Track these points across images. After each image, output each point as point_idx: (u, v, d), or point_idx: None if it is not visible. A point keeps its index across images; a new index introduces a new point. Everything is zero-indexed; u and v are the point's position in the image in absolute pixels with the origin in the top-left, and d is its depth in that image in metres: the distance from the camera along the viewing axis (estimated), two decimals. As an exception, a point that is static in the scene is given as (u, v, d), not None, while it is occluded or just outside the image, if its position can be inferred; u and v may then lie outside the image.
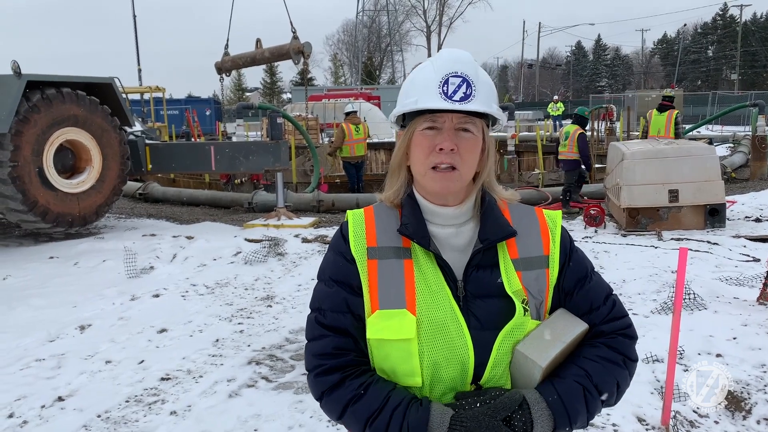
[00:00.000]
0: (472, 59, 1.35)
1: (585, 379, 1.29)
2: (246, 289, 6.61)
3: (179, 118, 28.10)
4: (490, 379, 1.28)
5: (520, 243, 1.36)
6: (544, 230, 1.40)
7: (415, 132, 1.34)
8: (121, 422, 3.74)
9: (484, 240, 1.33)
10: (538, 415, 1.22)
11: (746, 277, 6.06)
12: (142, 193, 13.62)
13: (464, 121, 1.31)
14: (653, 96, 29.89)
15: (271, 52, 12.79)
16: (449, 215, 1.38)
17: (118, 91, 9.94)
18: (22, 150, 8.22)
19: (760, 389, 3.85)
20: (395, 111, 1.41)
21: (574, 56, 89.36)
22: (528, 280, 1.33)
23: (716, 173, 8.83)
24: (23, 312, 5.83)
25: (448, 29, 72.26)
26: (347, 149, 12.92)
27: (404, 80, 1.46)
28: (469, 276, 1.32)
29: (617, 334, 1.37)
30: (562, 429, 1.26)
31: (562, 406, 1.24)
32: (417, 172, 1.37)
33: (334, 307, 1.35)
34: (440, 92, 1.29)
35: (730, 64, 68.59)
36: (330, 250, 1.44)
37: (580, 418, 1.27)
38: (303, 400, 3.97)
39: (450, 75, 1.30)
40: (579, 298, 1.38)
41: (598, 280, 1.42)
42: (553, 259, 1.37)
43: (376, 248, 1.36)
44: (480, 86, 1.31)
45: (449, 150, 1.29)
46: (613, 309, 1.39)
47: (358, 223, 1.41)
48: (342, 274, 1.37)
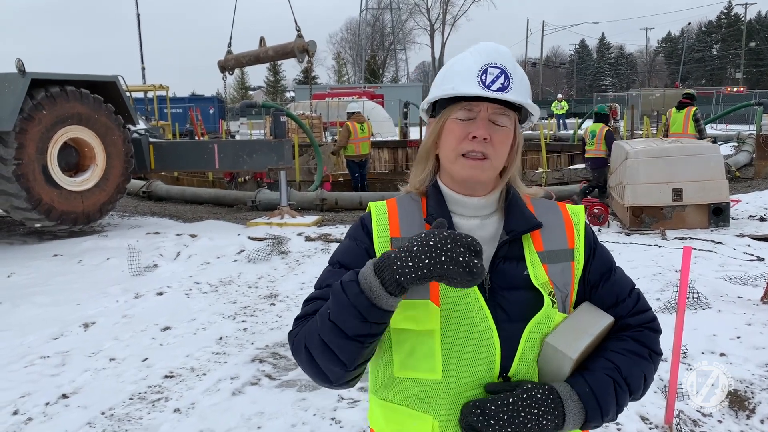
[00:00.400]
0: (510, 54, 1.36)
1: (615, 372, 1.28)
2: (249, 287, 6.62)
3: (183, 116, 28.14)
4: (517, 372, 1.27)
5: (545, 236, 1.36)
6: (569, 224, 1.40)
7: (449, 119, 1.34)
8: (124, 419, 3.75)
9: (510, 231, 1.33)
10: (571, 408, 1.22)
11: (750, 276, 6.05)
12: (145, 191, 13.64)
13: (499, 111, 1.31)
14: (657, 95, 29.86)
15: (275, 51, 12.78)
16: (475, 205, 1.37)
17: (122, 89, 9.95)
18: (27, 148, 8.24)
19: (764, 388, 3.85)
20: (429, 97, 1.41)
21: (578, 55, 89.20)
22: (554, 272, 1.33)
23: (720, 172, 8.81)
24: (27, 310, 5.85)
25: (452, 28, 72.18)
26: (352, 148, 12.93)
27: (439, 69, 1.45)
28: (495, 268, 1.31)
29: (643, 327, 1.37)
30: (594, 422, 1.25)
31: (594, 398, 1.24)
32: (446, 158, 1.36)
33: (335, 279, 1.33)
34: (479, 80, 1.29)
35: (735, 63, 68.34)
36: (347, 238, 1.43)
37: (611, 411, 1.26)
38: (306, 398, 3.97)
39: (489, 65, 1.30)
40: (604, 291, 1.38)
41: (621, 273, 1.43)
42: (578, 253, 1.37)
43: (399, 239, 1.35)
44: (517, 79, 1.31)
45: (482, 139, 1.29)
46: (638, 302, 1.40)
47: (381, 213, 1.41)
48: (355, 259, 1.35)
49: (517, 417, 1.18)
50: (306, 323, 1.28)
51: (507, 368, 1.27)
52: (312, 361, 1.24)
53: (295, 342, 1.30)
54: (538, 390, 1.21)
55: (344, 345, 1.17)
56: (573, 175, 14.34)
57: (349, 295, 1.15)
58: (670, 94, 36.54)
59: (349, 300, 1.14)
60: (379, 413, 1.39)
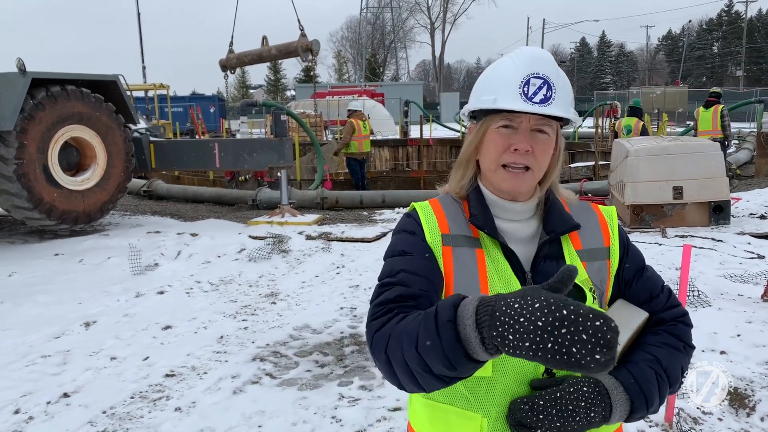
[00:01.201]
0: (553, 59, 1.34)
1: (656, 364, 1.29)
2: (250, 285, 6.63)
3: (184, 115, 28.17)
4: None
5: (582, 235, 1.40)
6: (603, 224, 1.43)
7: (490, 128, 1.33)
8: (126, 418, 3.76)
9: (551, 232, 1.36)
10: (617, 399, 1.22)
11: (751, 274, 6.06)
12: (146, 190, 13.65)
13: (542, 123, 1.30)
14: (657, 93, 29.84)
15: (279, 50, 12.75)
16: (516, 210, 1.39)
17: (123, 88, 9.95)
18: (27, 147, 8.25)
19: (764, 386, 3.85)
20: (470, 105, 1.40)
21: (579, 53, 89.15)
22: (591, 270, 1.36)
23: (720, 170, 8.81)
24: (29, 309, 5.86)
25: (452, 26, 72.21)
26: (355, 145, 12.94)
27: (480, 74, 1.44)
28: (537, 267, 1.34)
29: (677, 321, 1.40)
30: (639, 413, 1.26)
31: (639, 389, 1.25)
32: (487, 168, 1.37)
33: (406, 268, 1.29)
34: (521, 92, 1.27)
35: (735, 61, 68.26)
36: (399, 233, 1.40)
37: (655, 401, 1.27)
38: (307, 397, 3.98)
39: (531, 76, 1.28)
40: (638, 287, 1.41)
41: (652, 271, 1.46)
42: (613, 251, 1.41)
43: (449, 235, 1.35)
44: (560, 88, 1.30)
45: (524, 151, 1.29)
46: (670, 297, 1.42)
47: (428, 211, 1.41)
48: (416, 248, 1.33)
49: (565, 411, 1.18)
50: (387, 322, 1.21)
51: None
52: (392, 372, 1.17)
53: (374, 343, 1.22)
54: (584, 383, 1.21)
55: (427, 378, 1.09)
56: (574, 173, 14.34)
57: (442, 339, 1.02)
58: (671, 92, 36.46)
59: (441, 344, 1.02)
60: (424, 413, 1.39)
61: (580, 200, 1.49)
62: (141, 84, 22.79)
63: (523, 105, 1.26)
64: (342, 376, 4.33)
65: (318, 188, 12.04)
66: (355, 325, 5.31)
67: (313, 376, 4.35)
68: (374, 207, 11.44)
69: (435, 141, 20.67)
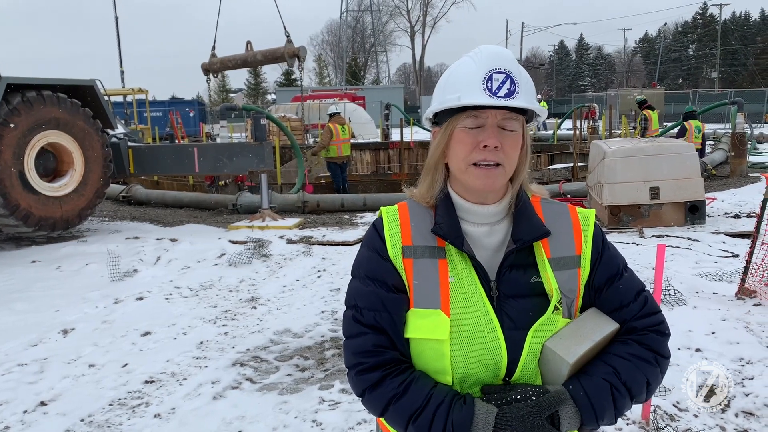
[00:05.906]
0: (513, 56, 1.35)
1: (613, 377, 1.28)
2: (230, 291, 6.60)
3: (163, 120, 27.94)
4: (521, 377, 1.29)
5: (552, 243, 1.36)
6: (577, 230, 1.39)
7: (456, 128, 1.32)
8: (104, 426, 3.72)
9: (518, 240, 1.33)
10: (565, 411, 1.23)
11: (725, 272, 6.16)
12: (125, 195, 13.51)
13: (508, 117, 1.30)
14: (635, 94, 30.13)
15: (264, 55, 12.68)
16: (486, 213, 1.37)
17: (100, 93, 9.86)
18: (3, 153, 8.13)
19: (738, 383, 3.92)
20: (434, 107, 1.39)
21: (557, 55, 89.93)
22: (560, 279, 1.33)
23: (696, 170, 8.95)
24: (5, 316, 5.78)
25: (432, 29, 72.49)
26: (334, 149, 12.95)
27: (441, 76, 1.43)
28: (502, 276, 1.32)
29: (649, 330, 1.35)
30: (589, 425, 1.26)
31: (588, 402, 1.24)
32: (457, 168, 1.35)
33: (370, 305, 1.33)
34: (484, 88, 1.27)
35: (710, 63, 69.34)
36: (364, 247, 1.42)
37: (607, 414, 1.26)
38: (288, 401, 3.98)
39: (493, 71, 1.28)
40: (609, 294, 1.37)
41: (630, 276, 1.41)
42: (584, 259, 1.37)
43: (411, 247, 1.35)
44: (522, 82, 1.30)
45: (494, 147, 1.29)
46: (645, 305, 1.37)
47: (393, 220, 1.40)
48: (378, 271, 1.35)
49: (527, 422, 1.20)
50: (381, 382, 1.30)
51: (512, 373, 1.29)
52: (381, 416, 1.33)
53: (367, 399, 1.33)
54: (533, 392, 1.23)
55: None
56: (553, 174, 14.46)
57: None
58: (648, 94, 36.92)
59: None
60: None
61: (558, 201, 1.47)
62: (119, 89, 22.59)
63: (488, 99, 1.27)
64: (323, 379, 4.33)
65: (299, 192, 12.02)
66: (335, 329, 5.31)
67: (293, 380, 4.34)
68: (355, 210, 11.43)
69: (416, 144, 20.73)
